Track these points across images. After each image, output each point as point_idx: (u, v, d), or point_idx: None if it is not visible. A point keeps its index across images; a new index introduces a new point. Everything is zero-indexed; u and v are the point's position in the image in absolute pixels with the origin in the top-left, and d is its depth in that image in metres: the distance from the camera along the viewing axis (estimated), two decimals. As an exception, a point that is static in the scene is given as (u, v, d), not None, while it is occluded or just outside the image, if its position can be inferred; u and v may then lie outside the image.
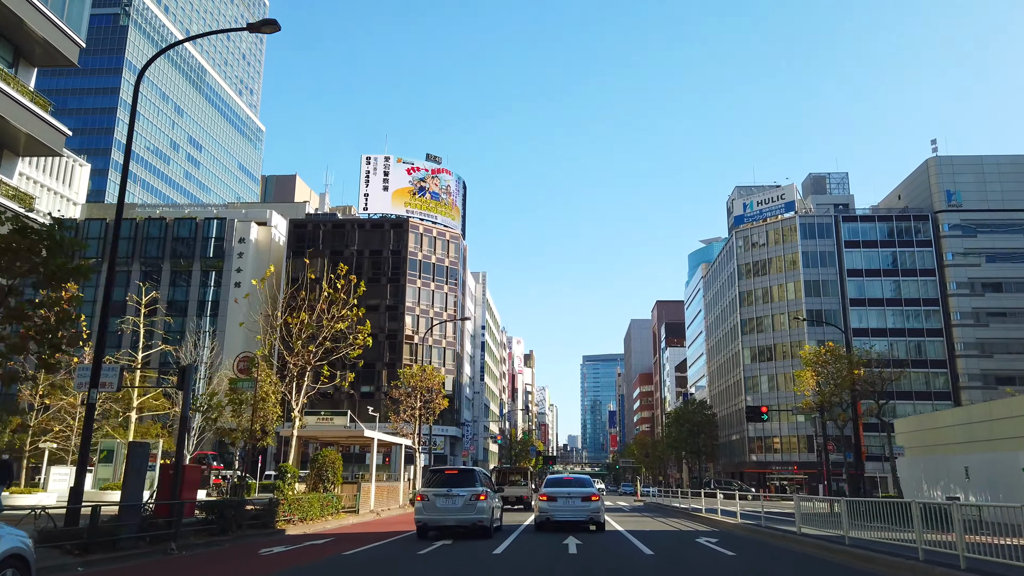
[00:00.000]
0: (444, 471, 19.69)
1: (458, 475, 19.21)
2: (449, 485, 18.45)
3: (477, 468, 20.90)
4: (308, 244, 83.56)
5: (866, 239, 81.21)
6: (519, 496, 36.90)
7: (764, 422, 44.09)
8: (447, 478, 19.01)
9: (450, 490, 18.19)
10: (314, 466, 24.83)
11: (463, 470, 19.89)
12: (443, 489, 18.28)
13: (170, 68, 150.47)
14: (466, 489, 18.27)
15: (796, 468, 76.06)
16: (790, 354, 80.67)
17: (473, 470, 19.81)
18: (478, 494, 18.24)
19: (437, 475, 19.47)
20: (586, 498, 20.53)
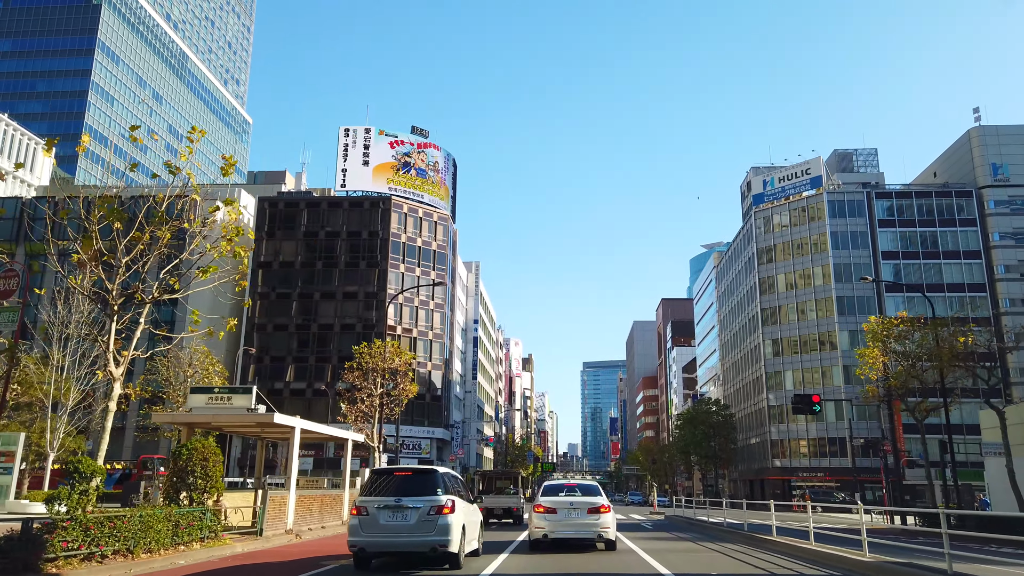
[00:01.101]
0: (393, 472, 13.63)
1: (412, 478, 13.36)
2: (399, 493, 12.79)
3: (442, 468, 14.21)
4: (279, 225, 75.09)
5: (902, 218, 72.58)
6: (507, 508, 28.32)
7: (815, 413, 35.25)
8: (397, 483, 13.16)
9: (399, 500, 12.59)
10: (175, 463, 16.11)
11: (419, 471, 13.79)
12: (390, 499, 12.65)
13: (148, 52, 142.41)
14: (423, 499, 12.61)
15: (827, 475, 67.21)
16: (818, 345, 71.93)
17: (434, 471, 13.60)
18: (439, 506, 12.52)
19: (383, 478, 13.41)
20: (593, 509, 16.06)
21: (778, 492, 72.32)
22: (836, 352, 70.23)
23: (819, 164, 75.06)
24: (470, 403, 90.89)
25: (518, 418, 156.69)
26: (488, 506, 28.08)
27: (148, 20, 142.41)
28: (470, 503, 14.67)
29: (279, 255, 74.30)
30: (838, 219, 72.73)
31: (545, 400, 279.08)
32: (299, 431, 20.57)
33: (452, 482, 13.91)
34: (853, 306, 70.71)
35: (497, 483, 30.97)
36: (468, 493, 15.01)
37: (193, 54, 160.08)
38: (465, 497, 14.25)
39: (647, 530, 25.93)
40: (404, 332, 73.00)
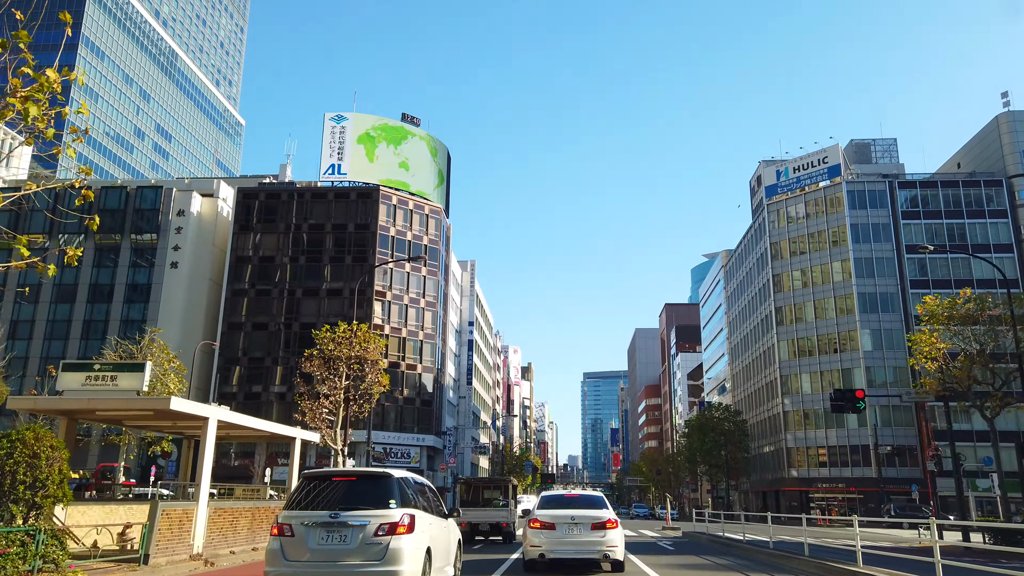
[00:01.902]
0: (331, 477, 9.94)
1: (356, 484, 9.83)
2: (337, 505, 9.23)
3: (400, 472, 10.42)
4: (260, 217, 70.21)
5: (927, 209, 67.64)
6: (495, 523, 23.26)
7: (859, 411, 30.16)
8: (335, 491, 9.61)
9: (336, 515, 9.04)
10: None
11: (366, 475, 10.18)
12: (323, 513, 9.09)
13: (136, 49, 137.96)
14: (369, 513, 9.08)
15: (850, 486, 61.92)
16: (838, 346, 66.79)
17: (386, 476, 9.93)
18: (391, 523, 9.01)
19: (317, 485, 9.75)
20: (598, 524, 13.65)
21: (795, 504, 67.10)
22: (857, 353, 65.12)
23: (837, 152, 70.16)
24: (464, 409, 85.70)
25: (517, 427, 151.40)
26: (472, 520, 23.03)
27: (136, 16, 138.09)
28: (443, 517, 11.38)
29: (259, 249, 69.41)
30: (858, 210, 67.79)
31: (545, 410, 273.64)
32: (215, 424, 15.51)
33: (414, 490, 10.26)
34: (875, 303, 65.68)
35: (484, 493, 25.91)
36: (440, 504, 11.65)
37: (183, 53, 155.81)
38: (434, 510, 10.90)
39: (667, 552, 20.83)
40: (393, 331, 68.01)
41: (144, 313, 68.61)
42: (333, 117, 72.72)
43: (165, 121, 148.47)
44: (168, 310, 67.28)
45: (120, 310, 68.64)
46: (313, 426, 25.47)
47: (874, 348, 64.87)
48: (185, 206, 70.07)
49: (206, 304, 69.64)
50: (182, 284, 68.39)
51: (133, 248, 69.97)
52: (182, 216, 69.84)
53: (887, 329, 65.02)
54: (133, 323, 66.48)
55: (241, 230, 69.70)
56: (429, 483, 12.21)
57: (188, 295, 68.73)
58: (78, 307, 68.88)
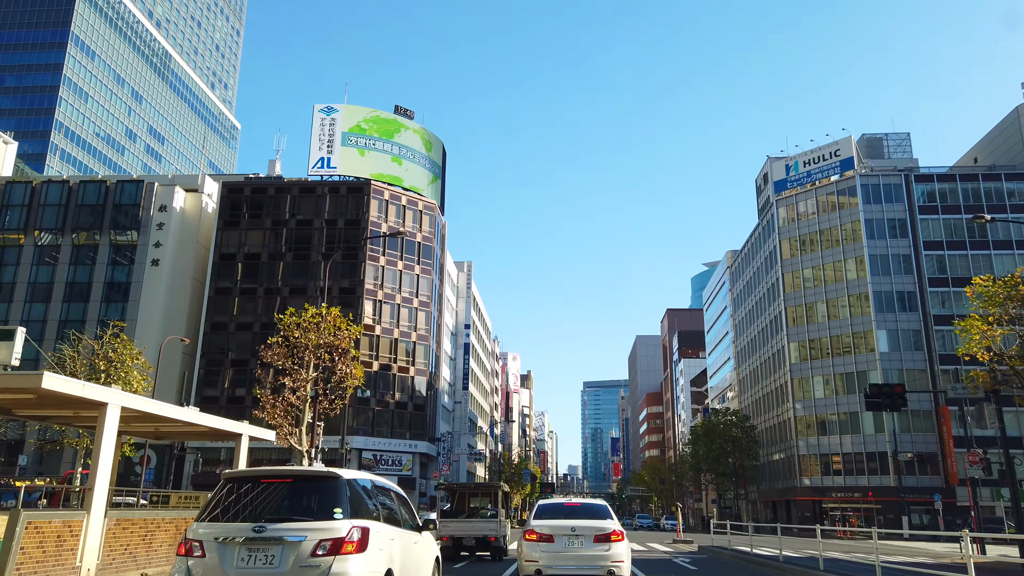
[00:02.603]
0: (260, 479, 7.61)
1: (292, 488, 7.63)
2: (265, 515, 7.17)
3: (351, 473, 8.18)
4: (246, 213, 67.03)
5: (945, 203, 64.39)
6: (481, 536, 19.88)
7: (898, 410, 26.77)
8: (265, 497, 7.46)
9: (262, 528, 7.00)
10: None
11: (305, 477, 7.79)
12: (246, 526, 7.06)
13: (127, 49, 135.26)
14: (306, 527, 7.04)
15: (869, 495, 58.37)
16: (852, 347, 63.41)
17: (332, 477, 7.63)
18: (335, 539, 6.97)
19: (241, 490, 7.54)
20: (602, 537, 11.96)
21: (807, 515, 63.62)
22: (873, 354, 61.74)
23: (850, 144, 66.94)
24: (460, 415, 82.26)
25: (515, 436, 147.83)
26: (454, 533, 19.69)
27: (128, 16, 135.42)
28: (415, 530, 9.33)
29: (244, 246, 66.20)
30: (873, 205, 64.54)
31: (545, 419, 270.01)
32: (116, 411, 12.18)
33: (372, 496, 8.28)
34: (892, 302, 62.35)
35: (470, 501, 22.55)
36: (410, 513, 9.55)
37: (177, 54, 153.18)
38: (402, 521, 8.96)
39: (690, 572, 17.41)
40: (384, 332, 64.77)
41: (123, 313, 65.27)
42: (323, 109, 69.68)
43: (158, 123, 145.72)
44: (148, 309, 64.11)
45: (98, 309, 65.36)
46: (273, 424, 22.17)
47: (891, 349, 61.51)
48: (167, 201, 66.96)
49: (188, 303, 66.40)
50: (163, 283, 65.22)
51: (112, 245, 66.80)
52: (164, 212, 66.72)
53: (904, 329, 61.69)
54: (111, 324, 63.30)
55: (226, 226, 66.55)
56: (397, 488, 9.54)
57: (169, 294, 65.55)
58: (53, 307, 65.64)
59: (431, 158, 74.75)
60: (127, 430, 16.61)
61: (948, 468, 57.59)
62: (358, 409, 61.50)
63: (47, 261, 66.93)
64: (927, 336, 61.38)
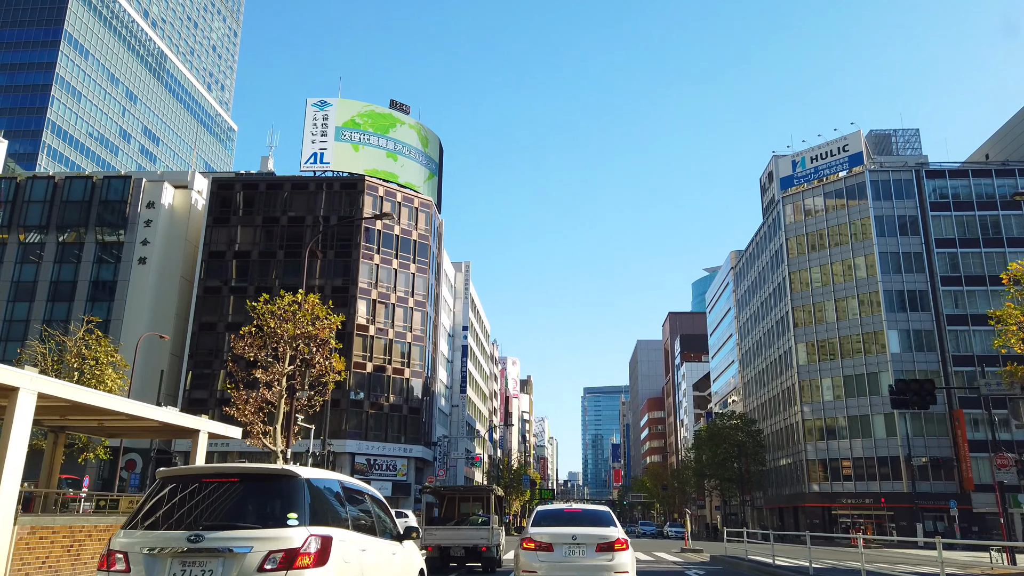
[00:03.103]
0: (201, 479, 6.37)
1: (239, 489, 6.35)
2: (204, 522, 5.96)
3: (310, 472, 6.45)
4: (235, 210, 65.06)
5: (957, 200, 62.40)
6: (472, 546, 17.75)
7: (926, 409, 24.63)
8: (206, 499, 6.21)
9: (200, 537, 5.75)
10: None
11: (253, 476, 6.44)
12: (180, 535, 5.79)
13: (123, 49, 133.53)
14: (252, 535, 5.81)
15: (882, 500, 56.19)
16: (862, 348, 61.30)
17: (287, 477, 6.33)
18: (289, 550, 5.74)
19: (178, 491, 6.27)
20: (605, 545, 11.12)
21: (816, 522, 61.41)
22: (885, 355, 59.66)
23: (859, 139, 64.99)
24: (457, 419, 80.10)
25: (515, 441, 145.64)
26: (441, 542, 17.60)
27: (123, 15, 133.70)
28: (393, 540, 8.08)
29: (234, 243, 64.22)
30: (883, 201, 62.56)
31: (545, 425, 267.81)
32: (31, 398, 10.11)
33: (336, 500, 6.98)
34: (903, 301, 60.30)
35: (460, 506, 20.44)
36: (388, 520, 8.28)
37: (173, 55, 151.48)
38: (378, 528, 7.72)
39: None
40: (378, 332, 62.73)
41: (109, 312, 63.29)
42: (316, 103, 67.79)
43: (153, 124, 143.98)
44: (135, 309, 62.10)
45: (83, 309, 63.22)
46: (244, 421, 20.10)
47: (903, 350, 59.44)
48: (155, 198, 65.03)
49: (176, 303, 64.37)
50: (150, 281, 63.24)
51: (98, 243, 64.82)
52: (152, 208, 64.77)
53: (916, 329, 59.63)
54: (97, 323, 61.25)
55: (215, 223, 64.60)
56: (372, 491, 8.28)
57: (157, 293, 63.55)
58: (37, 306, 63.62)
59: (427, 154, 72.84)
60: (65, 424, 14.55)
61: (963, 473, 55.46)
62: (351, 412, 59.46)
63: (31, 259, 64.97)
64: (940, 336, 59.33)
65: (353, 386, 59.99)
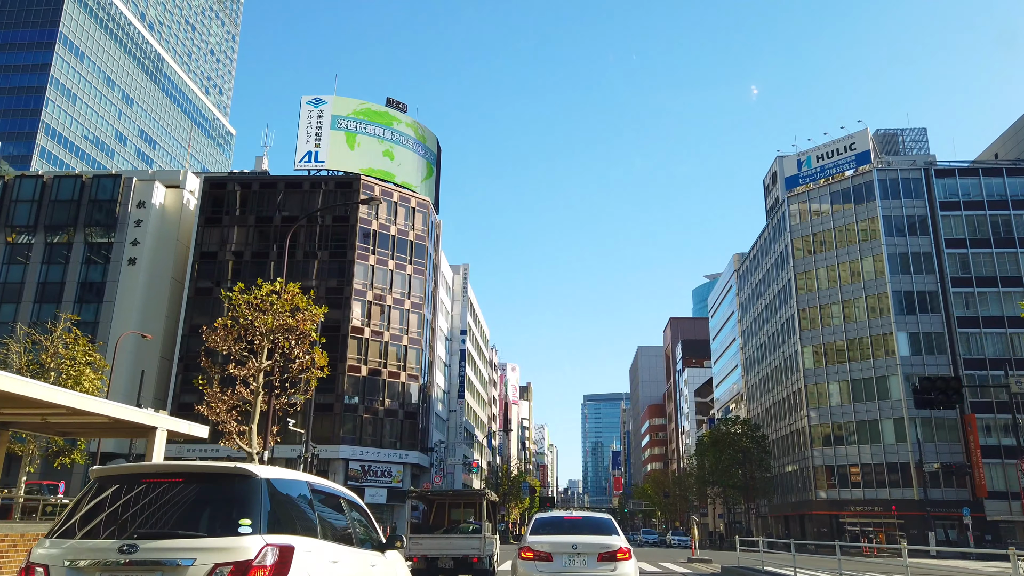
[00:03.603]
0: (140, 479, 5.48)
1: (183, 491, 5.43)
2: (139, 530, 5.05)
3: (266, 470, 5.43)
4: (228, 209, 63.58)
5: (968, 199, 60.90)
6: (461, 556, 16.16)
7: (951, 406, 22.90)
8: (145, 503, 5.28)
9: (133, 547, 4.84)
10: None
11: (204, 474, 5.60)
12: (108, 545, 4.92)
13: (119, 51, 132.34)
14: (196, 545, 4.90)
15: (893, 508, 54.49)
16: (871, 351, 59.66)
17: (242, 476, 5.42)
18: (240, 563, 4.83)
19: (112, 494, 5.33)
20: (607, 555, 10.81)
21: (823, 530, 59.69)
22: (894, 359, 58.03)
23: (866, 137, 63.52)
24: (455, 424, 78.41)
25: (514, 448, 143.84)
26: (428, 552, 16.00)
27: (119, 17, 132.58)
28: (376, 550, 7.02)
29: (226, 244, 62.72)
30: (891, 201, 61.04)
31: (544, 433, 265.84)
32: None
33: (303, 504, 6.01)
34: (912, 303, 58.71)
35: (450, 513, 18.84)
36: (369, 526, 7.21)
37: (171, 58, 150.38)
38: (354, 537, 6.63)
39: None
40: (373, 335, 61.14)
41: (97, 314, 61.85)
42: (311, 100, 66.40)
43: (149, 127, 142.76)
44: (124, 311, 60.54)
45: (71, 311, 61.48)
46: (215, 421, 18.52)
47: (912, 353, 57.83)
48: (146, 197, 63.54)
49: (167, 304, 62.81)
50: (140, 282, 61.69)
51: (87, 243, 63.32)
52: (142, 208, 63.26)
53: (926, 332, 58.02)
54: (85, 325, 59.61)
55: (207, 223, 63.12)
56: (350, 495, 7.26)
57: (147, 294, 61.98)
58: (24, 308, 62.04)
59: (424, 153, 71.38)
60: (2, 419, 12.91)
61: (976, 480, 53.76)
62: (345, 416, 57.83)
63: (18, 260, 63.50)
64: (951, 339, 57.72)
65: (348, 390, 58.42)
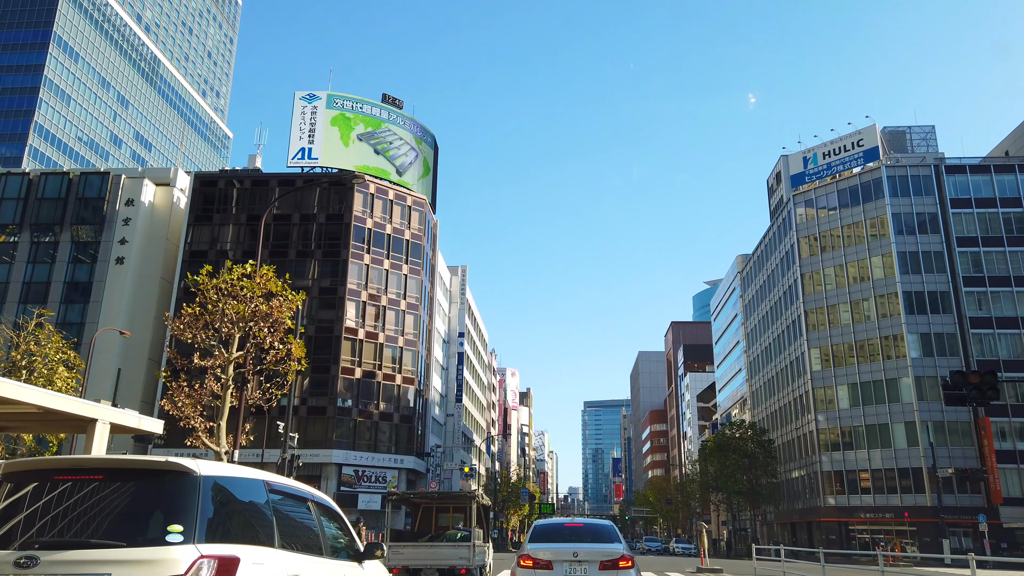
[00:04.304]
0: (53, 475, 4.49)
1: (103, 489, 4.34)
2: (40, 539, 4.03)
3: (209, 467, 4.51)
4: (218, 207, 61.96)
5: (979, 196, 59.24)
6: (447, 567, 14.34)
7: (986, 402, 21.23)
8: (55, 507, 4.24)
9: (33, 560, 3.76)
10: None
11: (128, 472, 4.51)
12: (3, 557, 3.82)
13: (114, 53, 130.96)
14: (110, 557, 3.93)
15: (905, 515, 52.61)
16: (880, 353, 57.89)
17: (177, 473, 4.38)
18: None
19: (21, 491, 4.31)
20: (609, 563, 10.33)
21: (832, 538, 57.80)
22: (904, 360, 56.27)
23: (874, 133, 61.90)
24: (453, 429, 76.57)
25: (514, 454, 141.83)
26: (410, 563, 14.22)
27: (115, 19, 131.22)
28: (351, 560, 6.10)
29: (216, 242, 61.08)
30: (900, 198, 59.36)
31: (544, 439, 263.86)
32: None
33: (257, 507, 5.16)
34: (923, 302, 56.97)
35: (438, 518, 17.05)
36: (341, 534, 6.18)
37: (167, 60, 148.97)
38: (321, 546, 5.72)
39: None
40: (368, 336, 59.40)
41: (84, 315, 60.26)
42: (304, 96, 64.81)
43: (145, 129, 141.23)
44: (111, 311, 58.89)
45: (57, 311, 59.99)
46: (181, 417, 16.78)
47: (923, 354, 56.08)
48: (135, 195, 61.94)
49: (156, 305, 61.04)
50: (128, 282, 60.08)
51: (74, 242, 61.69)
52: (131, 206, 61.66)
53: (938, 332, 56.27)
54: (71, 326, 58.15)
55: (197, 221, 61.53)
56: (320, 496, 6.19)
57: (135, 294, 60.34)
58: (8, 308, 60.30)
59: (421, 151, 69.76)
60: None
61: (991, 486, 51.90)
62: (337, 420, 56.05)
63: (3, 259, 61.89)
64: (963, 340, 55.97)
65: (341, 392, 56.70)
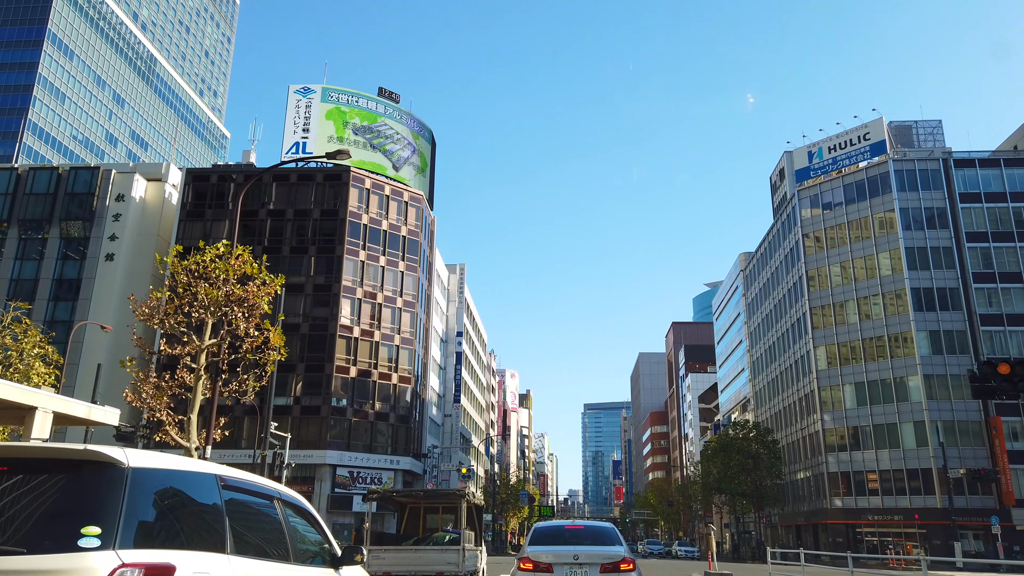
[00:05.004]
0: None
1: (7, 484, 3.41)
2: None
3: (141, 457, 3.47)
4: (211, 203, 60.62)
5: (989, 190, 57.89)
6: (434, 573, 12.90)
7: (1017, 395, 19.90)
8: None
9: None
10: None
11: (38, 463, 3.39)
12: None
13: (110, 51, 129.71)
14: (11, 567, 3.12)
15: (916, 517, 51.19)
16: (888, 351, 56.49)
17: (102, 466, 3.36)
18: None
19: None
20: (610, 566, 10.03)
21: (839, 541, 56.35)
22: (913, 358, 54.88)
23: (881, 126, 60.60)
24: (451, 429, 75.16)
25: (514, 456, 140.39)
26: (392, 569, 12.81)
27: (111, 16, 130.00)
28: (326, 566, 5.39)
29: (209, 239, 59.09)
30: (908, 193, 58.03)
31: (544, 441, 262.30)
32: None
33: (205, 506, 4.11)
34: (932, 299, 55.60)
35: (427, 519, 15.66)
36: (312, 536, 5.44)
37: (164, 59, 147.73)
38: (288, 552, 4.81)
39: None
40: (363, 335, 58.04)
41: (72, 313, 58.90)
42: (299, 89, 63.56)
43: (141, 128, 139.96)
44: (100, 309, 57.54)
45: (44, 309, 58.78)
46: (147, 408, 15.42)
47: (933, 352, 54.69)
48: (126, 191, 60.63)
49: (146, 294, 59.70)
50: (118, 279, 58.75)
51: (63, 238, 60.36)
52: (121, 202, 60.34)
53: (947, 330, 54.90)
54: (59, 324, 56.79)
55: (189, 217, 60.24)
56: (290, 493, 5.29)
57: (125, 291, 58.64)
58: (-5, 305, 58.89)
59: (418, 146, 68.43)
60: None
61: (1003, 487, 50.53)
62: (332, 420, 54.66)
63: (-9, 254, 60.57)
64: (973, 337, 54.60)
65: (336, 391, 55.32)
